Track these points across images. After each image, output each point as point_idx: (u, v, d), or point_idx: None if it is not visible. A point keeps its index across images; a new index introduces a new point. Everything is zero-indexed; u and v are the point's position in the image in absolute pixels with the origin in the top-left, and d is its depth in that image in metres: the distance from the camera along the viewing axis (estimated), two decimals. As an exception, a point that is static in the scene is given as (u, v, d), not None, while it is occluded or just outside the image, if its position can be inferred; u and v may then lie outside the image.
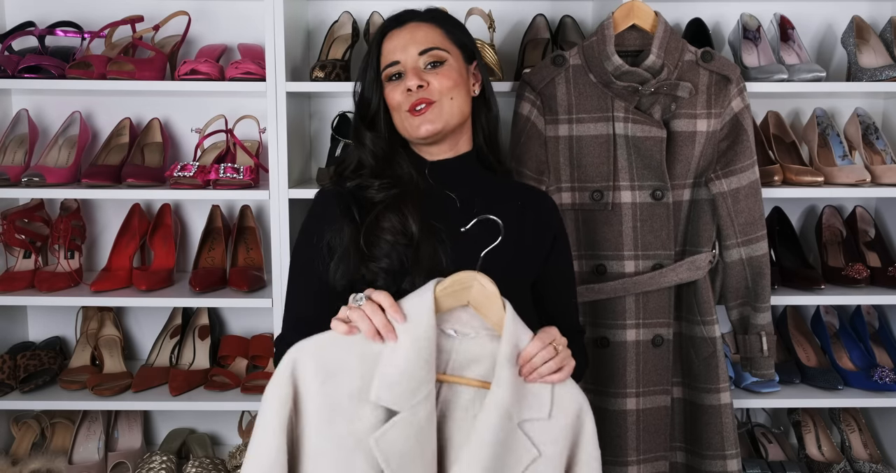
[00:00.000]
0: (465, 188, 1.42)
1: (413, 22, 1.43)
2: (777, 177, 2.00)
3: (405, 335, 1.17)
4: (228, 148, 2.19)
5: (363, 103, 1.45)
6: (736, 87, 1.79)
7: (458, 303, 1.22)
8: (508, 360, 1.18)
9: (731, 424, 1.81)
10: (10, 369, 2.08)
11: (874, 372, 2.09)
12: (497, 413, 1.16)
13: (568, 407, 1.22)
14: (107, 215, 2.30)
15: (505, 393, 1.17)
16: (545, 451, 1.19)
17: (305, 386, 1.17)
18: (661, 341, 1.81)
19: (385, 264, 1.31)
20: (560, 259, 1.48)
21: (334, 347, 1.18)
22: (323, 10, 2.23)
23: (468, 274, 1.20)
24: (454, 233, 1.34)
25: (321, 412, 1.16)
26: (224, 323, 2.36)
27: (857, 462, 2.17)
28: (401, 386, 1.15)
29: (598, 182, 1.78)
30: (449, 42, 1.42)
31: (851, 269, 2.09)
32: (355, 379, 1.17)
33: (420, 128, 1.37)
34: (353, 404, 1.16)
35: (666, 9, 2.07)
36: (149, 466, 2.09)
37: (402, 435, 1.14)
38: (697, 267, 1.80)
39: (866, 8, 2.24)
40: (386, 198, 1.36)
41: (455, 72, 1.39)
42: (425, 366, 1.16)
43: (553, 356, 1.21)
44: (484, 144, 1.48)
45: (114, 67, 1.96)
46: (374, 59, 1.44)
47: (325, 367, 1.17)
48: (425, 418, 1.15)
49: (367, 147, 1.42)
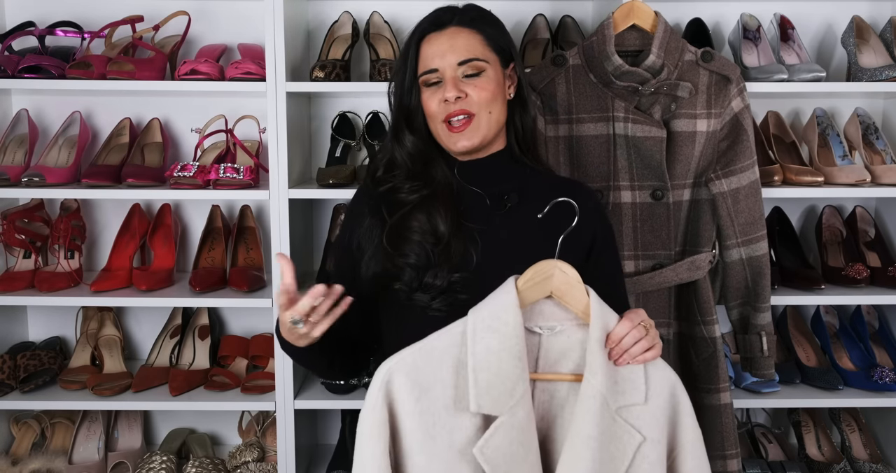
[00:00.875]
0: (497, 186, 1.41)
1: (453, 26, 1.39)
2: (777, 177, 2.00)
3: (493, 336, 1.14)
4: (228, 148, 2.19)
5: (401, 104, 1.42)
6: (736, 87, 1.79)
7: (542, 295, 1.19)
8: (599, 345, 1.15)
9: (731, 424, 1.81)
10: (10, 369, 2.08)
11: (874, 372, 2.09)
12: (595, 403, 1.13)
13: (662, 387, 1.19)
14: (107, 215, 2.31)
15: (600, 381, 1.13)
16: (649, 435, 1.15)
17: (401, 406, 1.15)
18: (661, 341, 1.80)
19: (413, 260, 1.32)
20: (603, 254, 1.43)
21: (427, 360, 1.16)
22: (323, 10, 2.23)
23: (548, 263, 1.18)
24: (484, 231, 1.34)
25: (420, 429, 1.14)
26: (224, 323, 2.36)
27: (857, 462, 2.17)
28: (497, 388, 1.12)
29: (598, 182, 1.78)
30: (488, 49, 1.39)
31: (851, 269, 2.09)
32: (449, 389, 1.14)
33: (458, 144, 1.36)
34: (451, 415, 1.14)
35: (666, 9, 2.07)
36: (149, 466, 2.09)
37: (505, 440, 1.11)
38: (697, 267, 1.80)
39: (866, 8, 2.24)
40: (416, 200, 1.36)
41: (493, 82, 1.37)
42: (519, 364, 1.13)
43: (644, 335, 1.18)
44: (516, 144, 1.45)
45: (114, 67, 1.96)
46: (412, 62, 1.40)
47: (419, 382, 1.15)
48: (525, 418, 1.13)
49: (406, 147, 1.41)
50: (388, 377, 1.15)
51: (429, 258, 1.32)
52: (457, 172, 1.41)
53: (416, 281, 1.31)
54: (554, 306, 1.20)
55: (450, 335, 1.17)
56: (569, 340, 1.20)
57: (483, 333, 1.14)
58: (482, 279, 1.28)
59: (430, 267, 1.31)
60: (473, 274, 1.31)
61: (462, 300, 1.28)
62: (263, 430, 2.27)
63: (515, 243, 1.36)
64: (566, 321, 1.20)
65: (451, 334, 1.17)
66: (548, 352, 1.20)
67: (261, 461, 2.15)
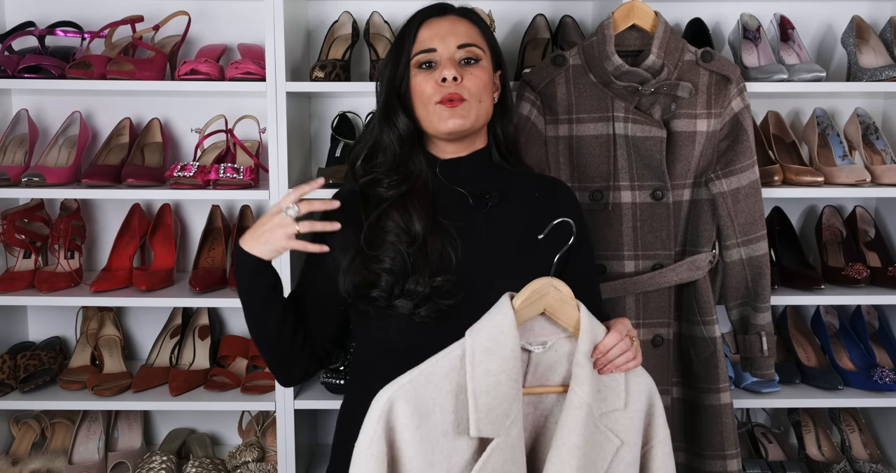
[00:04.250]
0: (478, 185, 1.40)
1: (453, 15, 1.41)
2: (777, 177, 2.00)
3: (492, 359, 1.14)
4: (228, 148, 2.19)
5: (392, 86, 1.40)
6: (736, 87, 1.79)
7: (536, 313, 1.20)
8: (586, 358, 1.18)
9: (731, 424, 1.81)
10: (10, 369, 2.08)
11: (874, 372, 2.09)
12: (581, 413, 1.15)
13: (640, 393, 1.23)
14: (107, 215, 2.30)
15: (586, 391, 1.17)
16: (626, 439, 1.20)
17: (401, 434, 1.13)
18: (661, 341, 1.81)
19: (388, 265, 1.30)
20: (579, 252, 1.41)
21: (427, 386, 1.15)
22: (323, 10, 2.23)
23: (543, 281, 1.19)
24: (464, 230, 1.33)
25: (420, 456, 1.13)
26: (224, 323, 2.36)
27: (857, 462, 2.17)
28: (495, 411, 1.13)
29: (597, 182, 1.78)
30: (485, 44, 1.40)
31: (851, 269, 2.09)
32: (448, 414, 1.14)
33: (449, 121, 1.34)
34: (449, 440, 1.14)
35: (666, 9, 2.07)
36: (149, 466, 2.09)
37: (499, 461, 1.13)
38: (697, 268, 1.80)
39: (866, 8, 2.24)
40: (394, 196, 1.35)
41: (486, 74, 1.38)
42: (515, 386, 1.14)
43: (629, 347, 1.22)
44: (496, 148, 1.45)
45: (114, 67, 1.96)
46: (409, 44, 1.39)
47: (419, 409, 1.14)
48: (517, 437, 1.14)
49: (398, 130, 1.38)
50: (388, 406, 1.13)
51: (405, 261, 1.30)
52: (438, 170, 1.40)
53: (396, 287, 1.29)
54: (544, 321, 1.22)
55: (448, 359, 1.16)
56: (556, 354, 1.22)
57: (482, 356, 1.14)
58: (467, 281, 1.28)
59: (407, 271, 1.29)
60: (456, 277, 1.29)
61: (448, 305, 1.28)
62: (263, 430, 2.27)
63: (496, 243, 1.35)
64: (555, 335, 1.22)
65: (449, 358, 1.16)
66: (537, 367, 1.22)
67: (261, 461, 2.15)
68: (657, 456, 1.25)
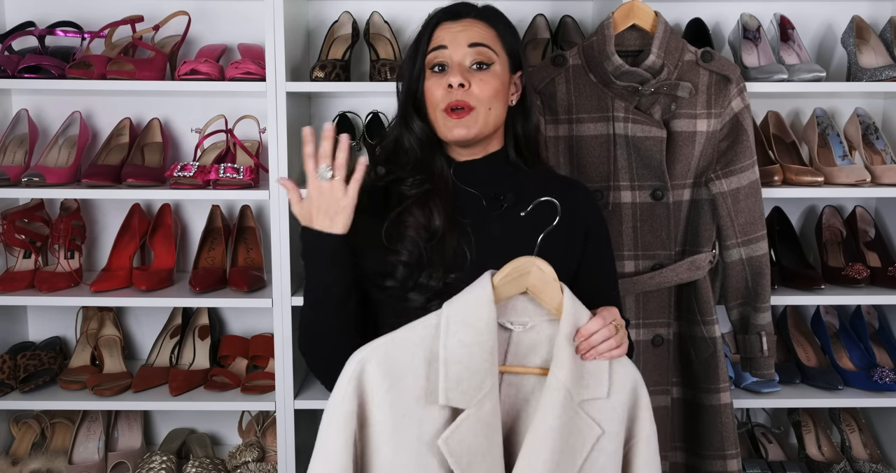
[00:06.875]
0: (493, 187, 1.40)
1: (469, 18, 1.39)
2: (777, 177, 2.00)
3: (466, 329, 1.15)
4: (228, 148, 2.19)
5: (409, 90, 1.40)
6: (736, 87, 1.79)
7: (517, 291, 1.20)
8: (567, 340, 1.17)
9: (731, 424, 1.81)
10: (10, 369, 2.08)
11: (874, 372, 2.09)
12: (559, 396, 1.14)
13: (624, 384, 1.22)
14: (107, 215, 2.30)
15: (565, 374, 1.15)
16: (607, 429, 1.18)
17: (371, 396, 1.14)
18: (661, 341, 1.81)
19: (405, 257, 1.31)
20: (596, 251, 1.42)
21: (401, 350, 1.16)
22: (323, 10, 2.23)
23: (526, 259, 1.18)
24: (479, 229, 1.34)
25: (390, 420, 1.14)
26: (224, 323, 2.36)
27: (857, 462, 2.17)
28: (466, 382, 1.13)
29: (597, 182, 1.78)
30: (501, 47, 1.38)
31: (851, 269, 2.09)
32: (421, 380, 1.15)
33: (453, 130, 1.34)
34: (421, 406, 1.14)
35: (666, 9, 2.07)
36: (149, 466, 2.09)
37: (470, 433, 1.12)
38: (697, 267, 1.80)
39: (866, 8, 2.24)
40: (417, 195, 1.35)
41: (498, 80, 1.36)
42: (489, 358, 1.14)
43: (613, 335, 1.20)
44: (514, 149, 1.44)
45: (114, 67, 1.96)
46: (424, 46, 1.38)
47: (391, 372, 1.14)
48: (491, 412, 1.14)
49: (415, 132, 1.39)
50: (360, 366, 1.15)
51: (422, 255, 1.31)
52: (453, 172, 1.40)
53: (410, 279, 1.30)
54: (527, 302, 1.21)
55: (424, 326, 1.17)
56: (538, 336, 1.21)
57: (456, 326, 1.15)
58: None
59: (422, 265, 1.31)
60: (468, 275, 1.29)
61: None
62: (263, 430, 2.27)
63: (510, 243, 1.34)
64: (538, 317, 1.21)
65: (425, 326, 1.18)
66: (517, 347, 1.21)
67: (261, 461, 2.15)
68: (642, 452, 1.23)
